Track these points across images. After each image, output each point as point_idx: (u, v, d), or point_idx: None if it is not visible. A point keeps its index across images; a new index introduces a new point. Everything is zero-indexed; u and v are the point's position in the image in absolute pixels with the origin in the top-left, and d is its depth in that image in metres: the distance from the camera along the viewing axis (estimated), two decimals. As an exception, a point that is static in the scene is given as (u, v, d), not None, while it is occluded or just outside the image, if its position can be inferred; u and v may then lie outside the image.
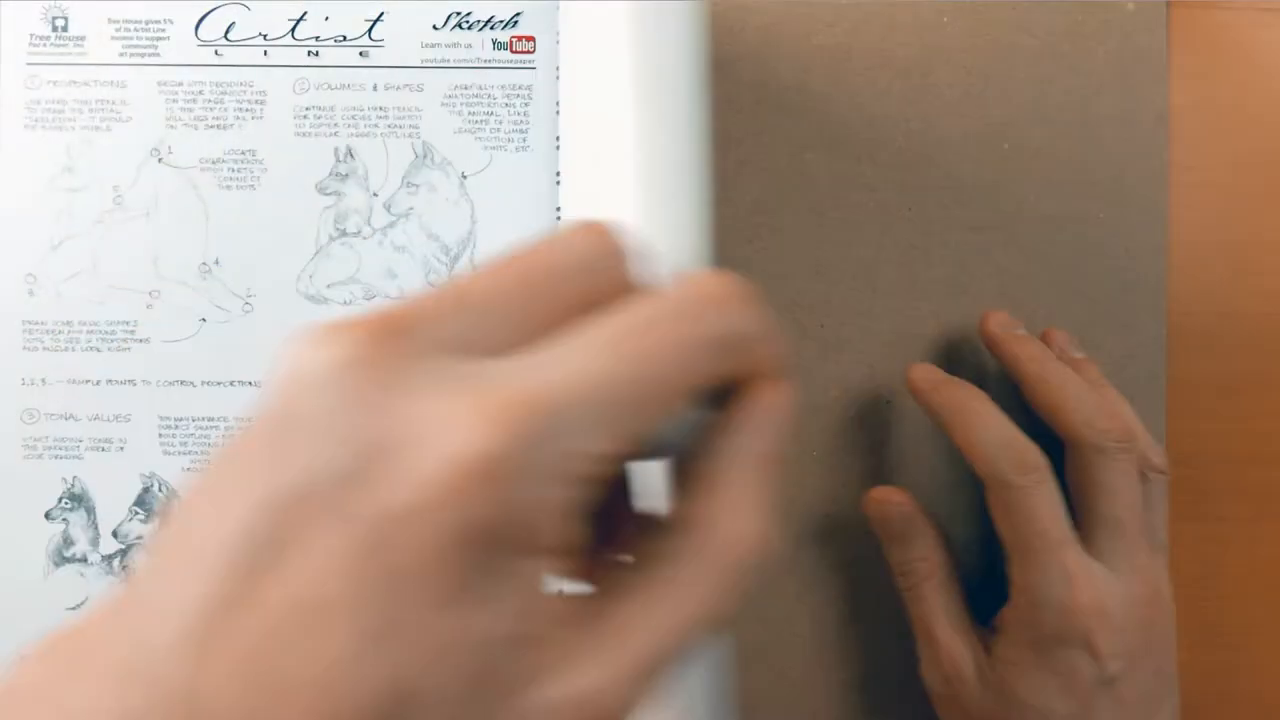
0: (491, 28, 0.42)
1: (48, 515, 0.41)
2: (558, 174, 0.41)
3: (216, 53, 0.42)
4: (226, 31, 0.42)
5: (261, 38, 0.42)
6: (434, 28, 0.42)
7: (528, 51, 0.42)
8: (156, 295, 0.42)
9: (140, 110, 0.42)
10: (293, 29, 0.42)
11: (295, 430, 0.17)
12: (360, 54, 0.42)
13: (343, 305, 0.42)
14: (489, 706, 0.16)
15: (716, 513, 0.19)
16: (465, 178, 0.42)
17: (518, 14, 0.41)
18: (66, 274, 0.41)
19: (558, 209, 0.41)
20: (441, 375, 0.17)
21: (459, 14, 0.42)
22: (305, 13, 0.42)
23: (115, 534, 0.42)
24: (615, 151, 0.31)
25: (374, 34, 0.42)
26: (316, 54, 0.42)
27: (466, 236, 0.42)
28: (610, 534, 0.22)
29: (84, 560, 0.42)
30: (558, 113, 0.41)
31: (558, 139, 0.41)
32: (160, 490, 0.42)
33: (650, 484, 0.21)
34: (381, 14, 0.42)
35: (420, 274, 0.42)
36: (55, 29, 0.42)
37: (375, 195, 0.42)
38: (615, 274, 0.19)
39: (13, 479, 0.41)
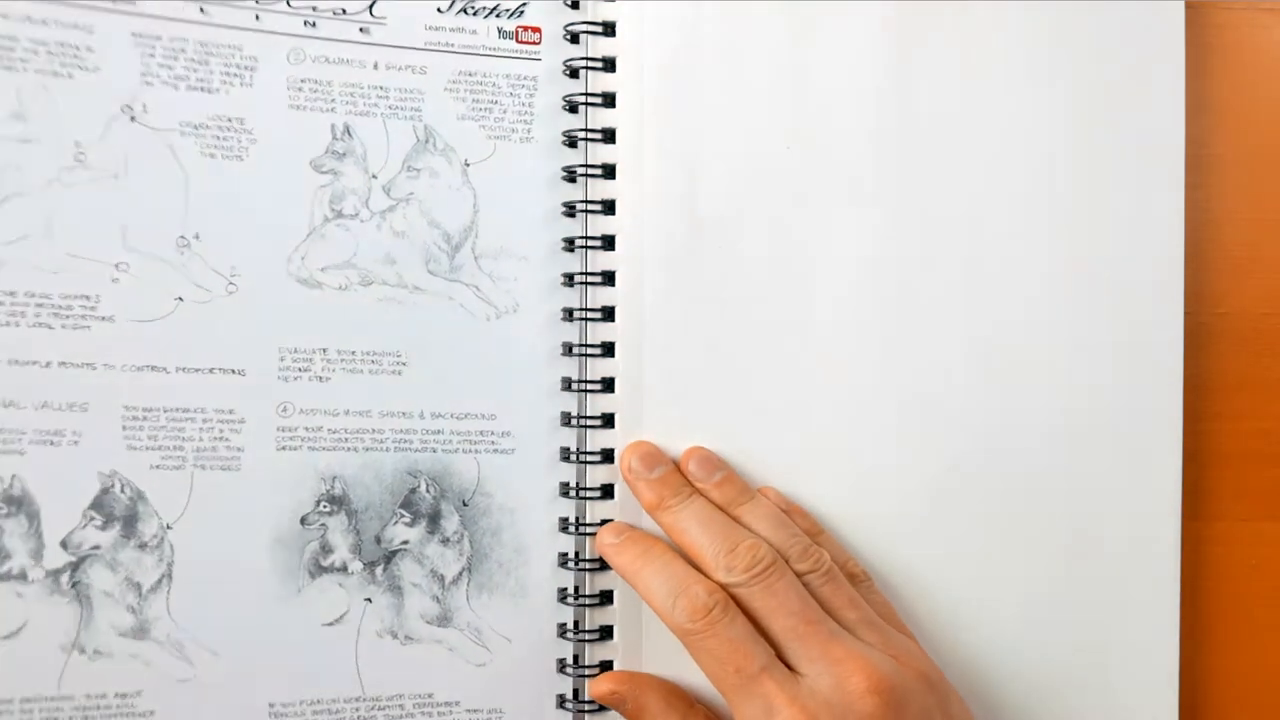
0: (497, 15, 0.44)
1: (-25, 523, 0.37)
2: (564, 169, 0.44)
3: (202, 9, 0.41)
4: (212, -13, 0.41)
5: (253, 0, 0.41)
6: (438, 10, 0.44)
7: (533, 43, 0.45)
8: (124, 269, 0.40)
9: (110, 60, 0.40)
10: (288, -6, 0.42)
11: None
12: (361, 29, 0.43)
13: (337, 290, 0.42)
14: None
15: None
16: (468, 165, 0.44)
17: (524, 3, 0.45)
18: (11, 236, 0.39)
19: (564, 204, 0.44)
20: None
21: None
22: (303, -22, 0.42)
23: (65, 544, 0.38)
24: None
25: (375, 10, 0.43)
26: (314, 24, 0.42)
27: (469, 226, 0.44)
28: None
29: (22, 577, 0.38)
30: (569, 108, 0.44)
31: (570, 134, 0.44)
32: (123, 491, 0.39)
33: None
34: (385, -10, 0.43)
35: (420, 261, 0.43)
36: (-1, -43, 0.39)
37: (374, 177, 0.43)
38: None
39: (-72, 480, 0.37)
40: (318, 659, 0.41)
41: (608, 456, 0.44)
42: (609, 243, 0.44)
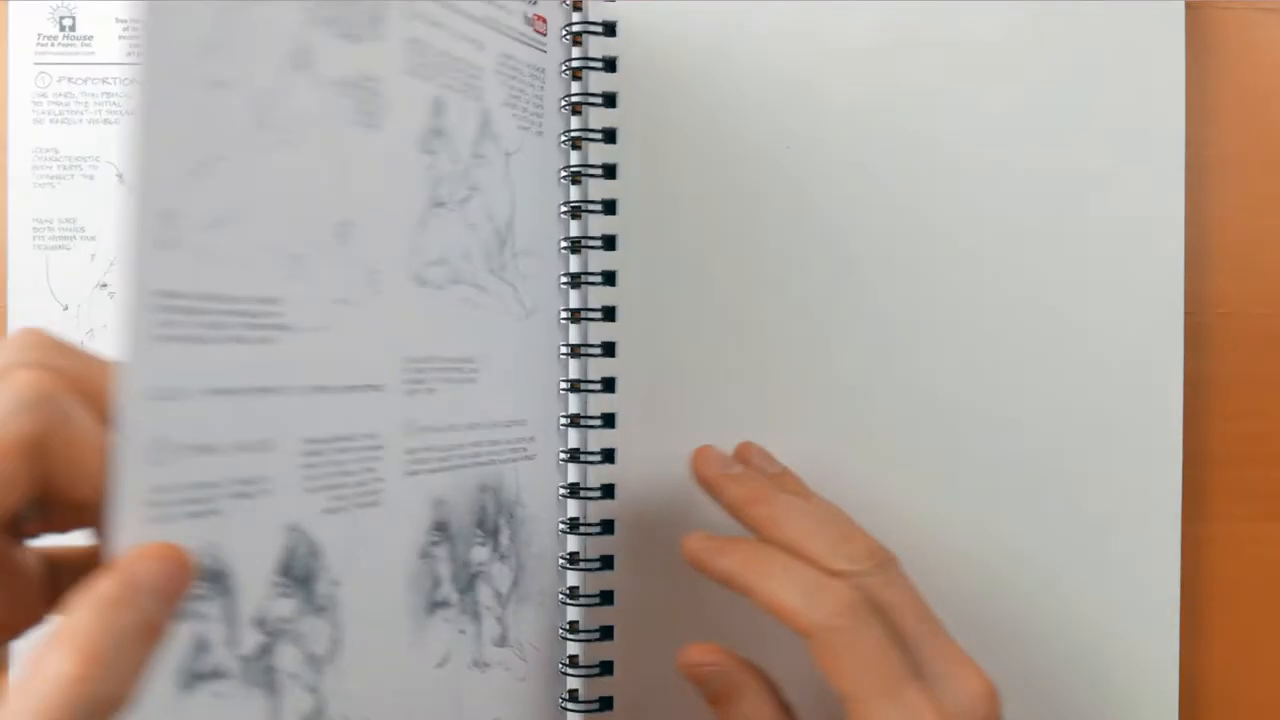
0: (523, -1, 0.42)
1: (181, 614, 0.27)
2: (566, 169, 0.43)
3: (349, -66, 0.32)
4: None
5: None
6: (493, -18, 0.40)
7: (541, 33, 0.43)
8: (299, 262, 0.31)
9: (282, -14, 0.30)
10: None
11: None
12: (447, -12, 0.37)
13: (438, 289, 0.37)
14: None
15: None
16: (509, 156, 0.41)
17: (538, -9, 0.43)
18: (210, 217, 0.28)
19: (565, 205, 0.43)
20: None
21: (501, -28, 0.41)
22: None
23: (260, 622, 0.29)
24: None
25: (454, -30, 0.38)
26: (417, -26, 0.36)
27: (509, 221, 0.41)
28: None
29: (220, 674, 0.28)
30: (565, 108, 0.43)
31: (569, 133, 0.43)
32: (303, 546, 0.31)
33: None
34: (463, -49, 0.38)
35: (483, 257, 0.39)
36: None
37: (456, 162, 0.38)
38: None
39: (132, 564, 0.26)
40: (431, 706, 0.36)
41: (608, 456, 0.44)
42: (609, 243, 0.44)
